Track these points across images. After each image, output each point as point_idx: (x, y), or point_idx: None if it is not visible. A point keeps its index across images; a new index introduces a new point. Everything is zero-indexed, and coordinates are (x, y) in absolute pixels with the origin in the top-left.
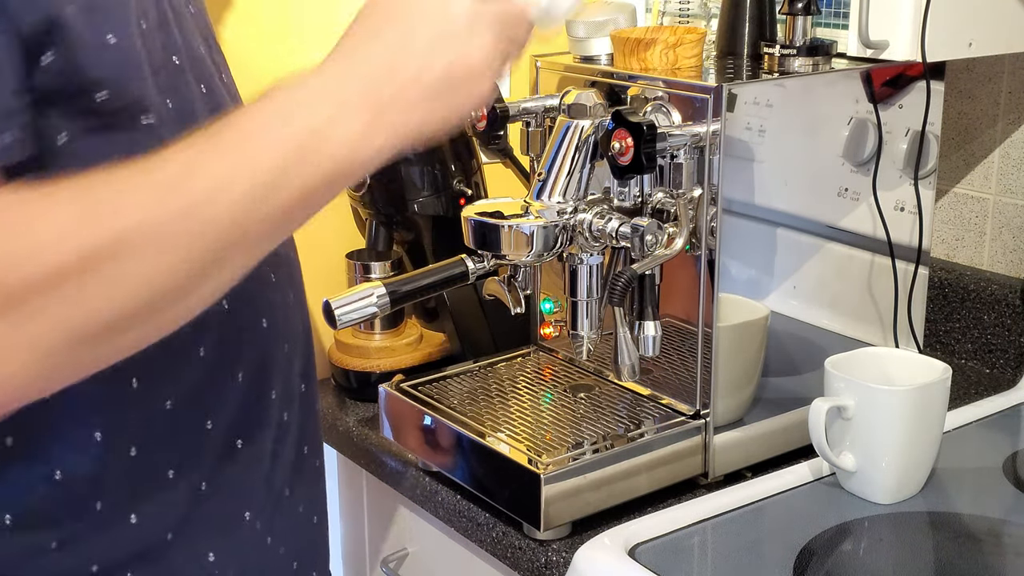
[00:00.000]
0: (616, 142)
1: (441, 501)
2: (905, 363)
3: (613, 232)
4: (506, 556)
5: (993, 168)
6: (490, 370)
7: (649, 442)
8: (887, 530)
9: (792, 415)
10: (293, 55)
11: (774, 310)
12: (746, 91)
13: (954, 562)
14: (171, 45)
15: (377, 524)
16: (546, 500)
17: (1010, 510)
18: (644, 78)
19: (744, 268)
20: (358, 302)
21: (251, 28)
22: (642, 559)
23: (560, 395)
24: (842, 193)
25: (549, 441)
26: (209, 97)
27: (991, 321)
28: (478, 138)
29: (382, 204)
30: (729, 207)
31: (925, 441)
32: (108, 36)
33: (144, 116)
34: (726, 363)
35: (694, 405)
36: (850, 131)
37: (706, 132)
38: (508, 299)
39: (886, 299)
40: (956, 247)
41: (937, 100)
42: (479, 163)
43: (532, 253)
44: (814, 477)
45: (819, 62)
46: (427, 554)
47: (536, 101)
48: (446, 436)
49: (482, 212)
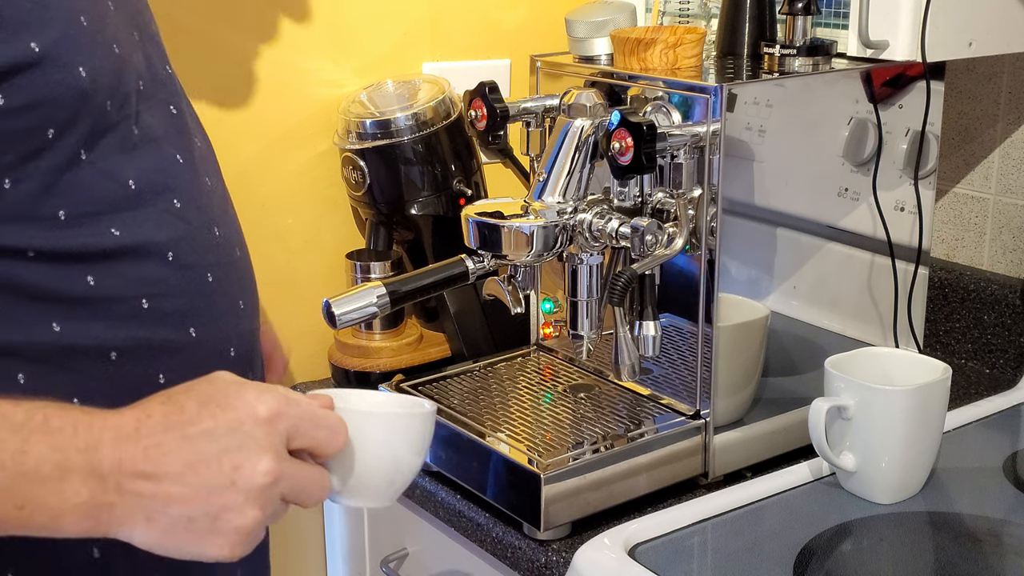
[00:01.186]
0: (616, 142)
1: (441, 501)
2: (905, 363)
3: (613, 232)
4: (506, 556)
5: (993, 168)
6: (490, 370)
7: (649, 442)
8: (887, 530)
9: (792, 415)
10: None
11: (774, 310)
12: (746, 91)
13: (954, 562)
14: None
15: (377, 524)
16: (546, 500)
17: (1010, 510)
18: (644, 78)
19: (744, 268)
20: (358, 302)
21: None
22: (642, 559)
23: (560, 395)
24: (842, 193)
25: (549, 441)
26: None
27: (991, 321)
28: (478, 138)
29: (382, 204)
30: (729, 207)
31: (925, 441)
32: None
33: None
34: (726, 363)
35: (694, 405)
36: (850, 131)
37: (706, 132)
38: (508, 299)
39: (886, 299)
40: (956, 247)
41: (937, 100)
42: (479, 163)
43: (532, 253)
44: (814, 477)
45: (819, 62)
46: (427, 554)
47: (536, 101)
48: (446, 436)
49: (482, 212)
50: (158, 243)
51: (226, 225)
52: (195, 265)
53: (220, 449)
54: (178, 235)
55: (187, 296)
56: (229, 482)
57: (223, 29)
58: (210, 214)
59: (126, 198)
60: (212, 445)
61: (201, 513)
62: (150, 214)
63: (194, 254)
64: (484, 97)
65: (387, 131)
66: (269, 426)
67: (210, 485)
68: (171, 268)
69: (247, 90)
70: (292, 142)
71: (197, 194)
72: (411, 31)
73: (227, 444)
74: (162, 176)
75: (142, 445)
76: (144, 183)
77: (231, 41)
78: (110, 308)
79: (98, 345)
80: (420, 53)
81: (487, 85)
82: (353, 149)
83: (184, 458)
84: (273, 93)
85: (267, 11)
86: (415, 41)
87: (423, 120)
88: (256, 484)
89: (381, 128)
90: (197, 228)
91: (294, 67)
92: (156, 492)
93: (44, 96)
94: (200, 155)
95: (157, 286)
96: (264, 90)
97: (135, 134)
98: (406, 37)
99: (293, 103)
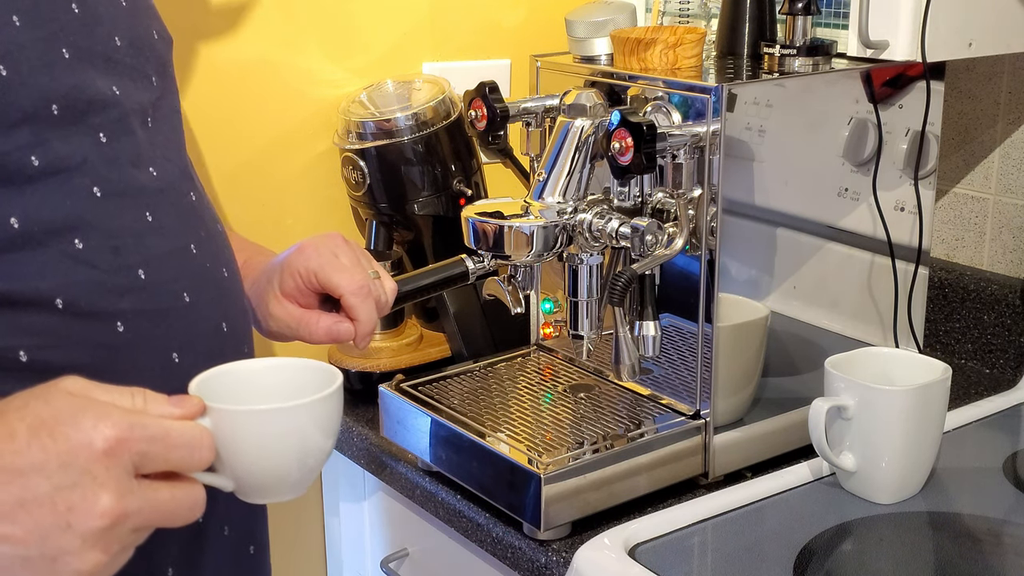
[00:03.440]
0: (616, 142)
1: (441, 501)
2: (905, 363)
3: (613, 232)
4: (506, 556)
5: (993, 168)
6: (490, 370)
7: (649, 442)
8: (887, 530)
9: (792, 415)
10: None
11: (774, 310)
12: (746, 91)
13: (954, 562)
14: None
15: (377, 524)
16: (546, 500)
17: (1010, 510)
18: (644, 78)
19: (744, 268)
20: None
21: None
22: (642, 559)
23: (560, 395)
24: (842, 193)
25: (549, 441)
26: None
27: (991, 321)
28: (478, 138)
29: (382, 204)
30: (729, 207)
31: (925, 441)
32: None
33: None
34: (726, 363)
35: (694, 405)
36: (850, 131)
37: (706, 132)
38: (508, 299)
39: (886, 299)
40: (956, 247)
41: (937, 100)
42: (479, 163)
43: (532, 253)
44: (814, 477)
45: (819, 62)
46: (427, 554)
47: (536, 101)
48: (446, 436)
49: (482, 212)
50: (43, 289)
51: (163, 266)
52: (98, 313)
53: (52, 487)
54: (74, 280)
55: (82, 347)
56: (64, 524)
57: (223, 29)
58: (134, 253)
59: (5, 239)
60: (44, 482)
61: (37, 554)
62: (35, 256)
63: (97, 300)
64: (484, 97)
65: (387, 131)
66: (108, 459)
67: (43, 527)
68: (60, 317)
69: (247, 90)
70: (292, 142)
71: (115, 231)
72: (411, 31)
73: (59, 481)
74: (61, 213)
75: None
76: (30, 221)
77: (231, 41)
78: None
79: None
80: (420, 53)
81: (487, 85)
82: (353, 149)
83: (14, 495)
84: (273, 93)
85: (267, 11)
86: (415, 41)
87: (423, 120)
88: (93, 527)
89: (381, 128)
90: (107, 272)
91: (294, 67)
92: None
93: None
94: (143, 185)
95: (40, 337)
96: (264, 90)
97: (32, 165)
98: (406, 37)
99: (293, 103)
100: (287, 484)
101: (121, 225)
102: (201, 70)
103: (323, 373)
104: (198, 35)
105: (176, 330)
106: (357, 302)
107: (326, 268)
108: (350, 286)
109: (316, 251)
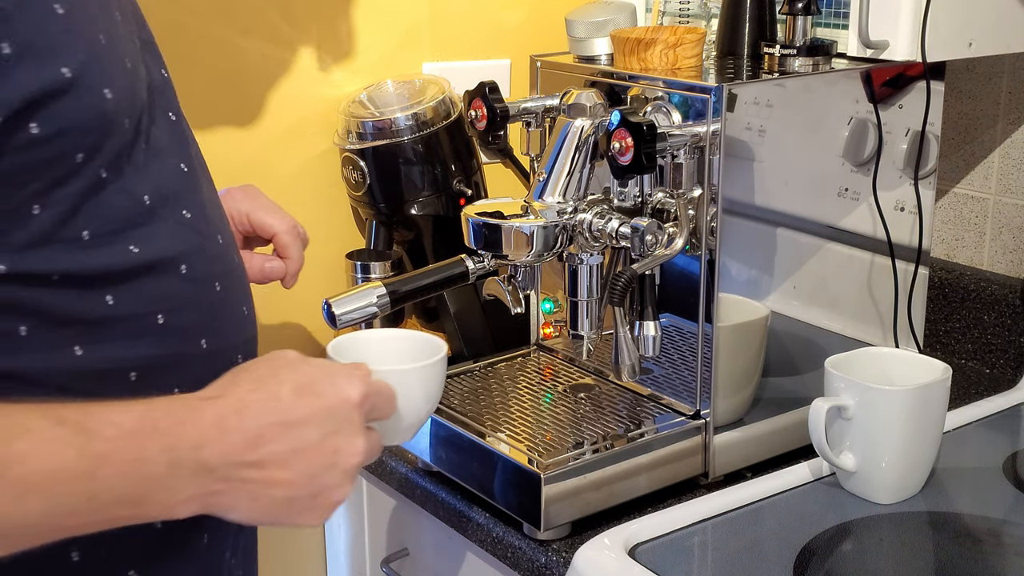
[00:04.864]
0: (616, 142)
1: (441, 501)
2: (905, 363)
3: (613, 232)
4: (506, 556)
5: (993, 168)
6: (490, 370)
7: (649, 442)
8: (887, 530)
9: (792, 415)
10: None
11: (774, 310)
12: (746, 91)
13: (954, 562)
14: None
15: (377, 524)
16: (546, 500)
17: (1010, 510)
18: (644, 78)
19: (744, 268)
20: (358, 302)
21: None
22: (642, 559)
23: (560, 395)
24: (842, 193)
25: (549, 441)
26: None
27: (991, 321)
28: (478, 138)
29: (382, 204)
30: (729, 207)
31: (925, 441)
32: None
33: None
34: (726, 363)
35: (694, 405)
36: (850, 131)
37: (706, 132)
38: (508, 299)
39: (886, 299)
40: (956, 247)
41: (937, 100)
42: (479, 163)
43: (532, 253)
44: (814, 477)
45: (819, 62)
46: (427, 554)
47: (536, 101)
48: (446, 436)
49: (482, 212)
50: (172, 257)
51: (225, 231)
52: (205, 276)
53: (321, 435)
54: (189, 247)
55: (199, 308)
56: (330, 464)
57: (223, 29)
58: (214, 222)
59: (142, 214)
60: (313, 431)
61: (304, 494)
62: (163, 228)
63: (203, 265)
64: (484, 97)
65: (387, 131)
66: (359, 409)
67: (313, 468)
68: (183, 281)
69: (247, 90)
70: (292, 142)
71: (201, 202)
72: (411, 31)
73: (327, 429)
74: (169, 187)
75: (246, 436)
76: (156, 197)
77: (231, 41)
78: (128, 327)
79: (118, 367)
80: (420, 53)
81: (487, 85)
82: (353, 149)
83: (288, 445)
84: (273, 93)
85: (267, 11)
86: (415, 41)
87: (423, 120)
88: (353, 464)
89: (381, 128)
90: (206, 238)
91: (294, 67)
92: (262, 478)
93: (75, 122)
94: (198, 161)
95: (171, 301)
96: (264, 90)
97: (145, 148)
98: (406, 37)
99: (293, 103)
100: (416, 429)
101: (199, 197)
102: (201, 70)
103: (422, 342)
104: (198, 35)
105: (240, 287)
106: (289, 240)
107: (258, 210)
108: (282, 225)
109: (245, 194)
